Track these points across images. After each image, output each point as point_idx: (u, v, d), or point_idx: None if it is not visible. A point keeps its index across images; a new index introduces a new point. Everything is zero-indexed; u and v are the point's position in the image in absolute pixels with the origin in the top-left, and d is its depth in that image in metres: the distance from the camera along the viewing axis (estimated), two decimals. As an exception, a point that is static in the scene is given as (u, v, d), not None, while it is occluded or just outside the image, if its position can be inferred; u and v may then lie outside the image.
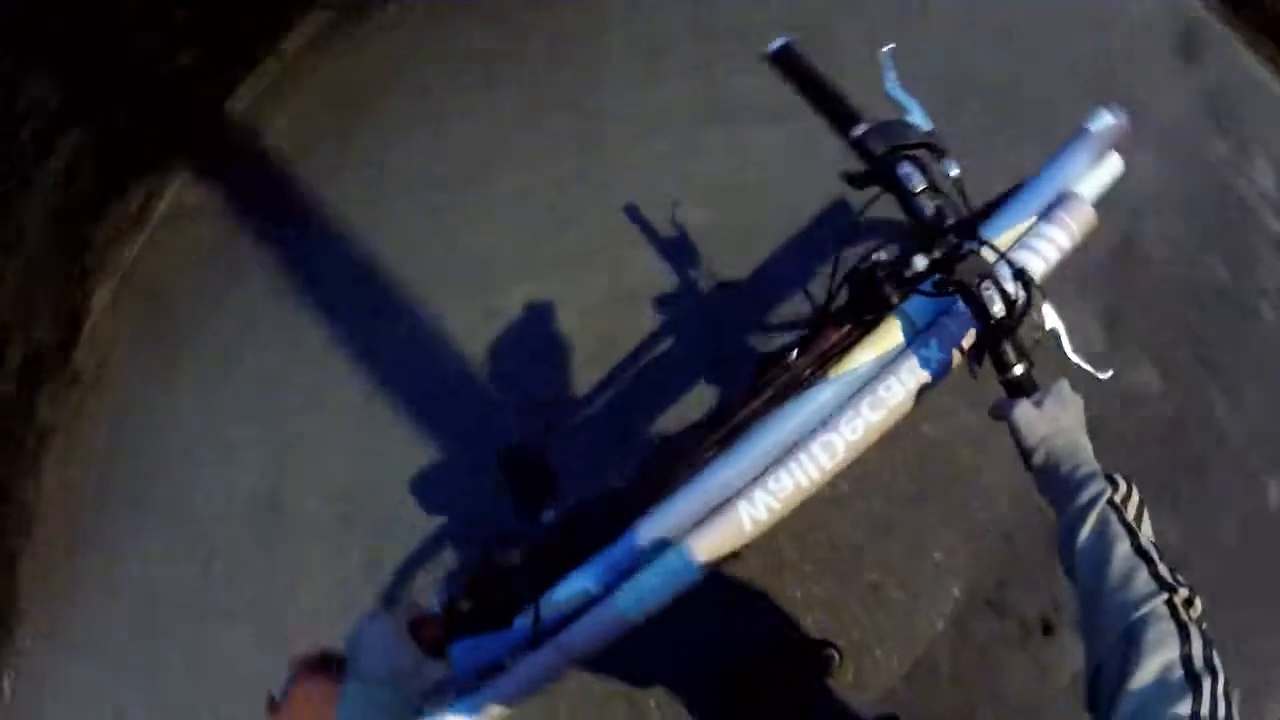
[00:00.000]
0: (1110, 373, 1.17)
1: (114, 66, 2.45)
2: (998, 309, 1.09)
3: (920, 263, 1.12)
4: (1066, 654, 2.11)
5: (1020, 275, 1.13)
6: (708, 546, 1.19)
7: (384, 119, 3.05)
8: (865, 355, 1.26)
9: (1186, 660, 0.72)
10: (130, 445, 2.73)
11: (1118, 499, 0.90)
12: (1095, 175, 1.44)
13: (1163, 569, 0.81)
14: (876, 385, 1.22)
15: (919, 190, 1.14)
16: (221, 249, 2.87)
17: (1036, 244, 1.33)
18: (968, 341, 1.23)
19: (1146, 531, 0.88)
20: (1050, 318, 1.17)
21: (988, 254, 1.14)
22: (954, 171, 1.22)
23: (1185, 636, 0.74)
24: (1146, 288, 2.46)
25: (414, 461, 2.48)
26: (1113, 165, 1.46)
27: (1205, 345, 2.39)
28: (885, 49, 1.33)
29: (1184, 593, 0.79)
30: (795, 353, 1.35)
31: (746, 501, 1.18)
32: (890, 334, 1.27)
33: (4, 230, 2.32)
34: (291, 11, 2.95)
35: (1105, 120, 1.44)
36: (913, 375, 1.22)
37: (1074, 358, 1.18)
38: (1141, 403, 2.33)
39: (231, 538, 2.54)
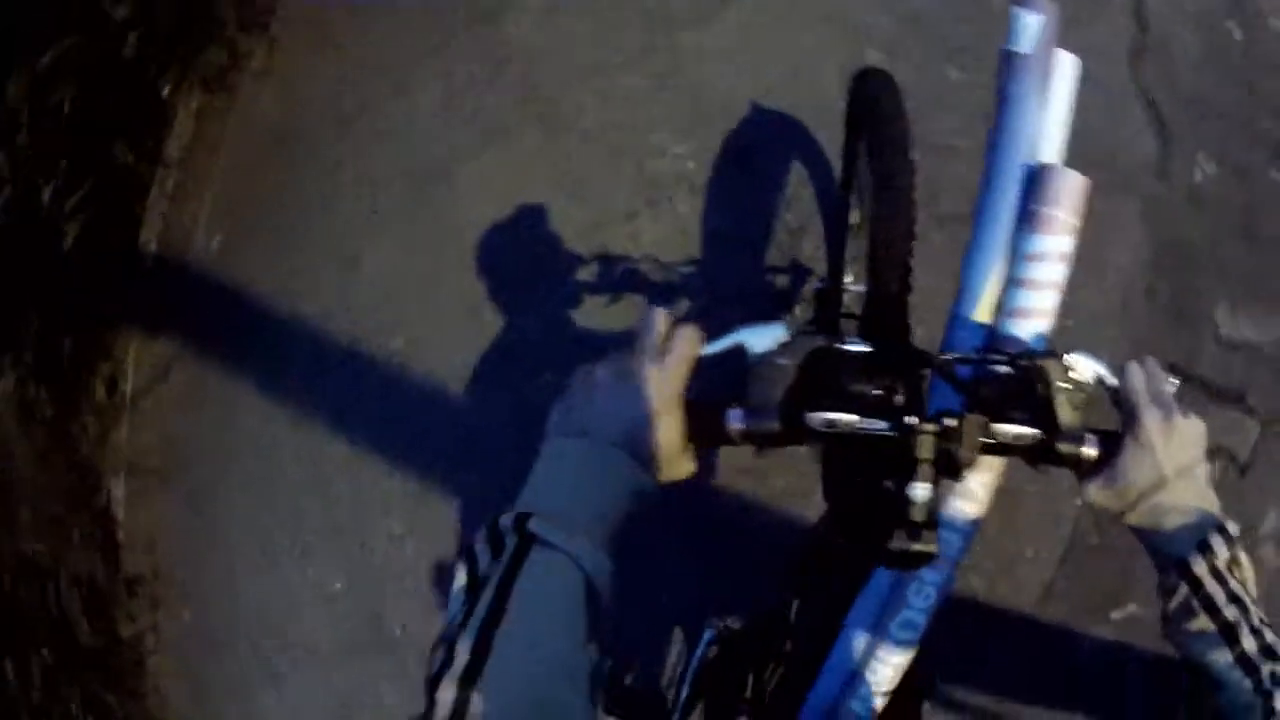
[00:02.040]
0: (1178, 383, 0.89)
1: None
2: (1029, 433, 0.83)
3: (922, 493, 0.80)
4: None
5: (1018, 362, 0.87)
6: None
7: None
8: None
9: None
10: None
11: (1203, 570, 0.80)
12: (1056, 110, 1.03)
13: (1248, 644, 0.75)
14: None
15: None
16: (209, 396, 2.62)
17: (1028, 271, 0.98)
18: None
19: (1238, 587, 0.79)
20: (1084, 367, 0.87)
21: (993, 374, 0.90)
22: None
23: (1270, 713, 0.72)
24: (1179, 75, 2.22)
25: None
26: (1067, 74, 1.04)
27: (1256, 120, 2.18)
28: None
29: (1268, 669, 0.74)
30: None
31: (855, 699, 1.12)
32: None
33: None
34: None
35: (1033, 25, 0.99)
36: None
37: (1126, 385, 0.87)
38: (1210, 198, 2.17)
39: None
